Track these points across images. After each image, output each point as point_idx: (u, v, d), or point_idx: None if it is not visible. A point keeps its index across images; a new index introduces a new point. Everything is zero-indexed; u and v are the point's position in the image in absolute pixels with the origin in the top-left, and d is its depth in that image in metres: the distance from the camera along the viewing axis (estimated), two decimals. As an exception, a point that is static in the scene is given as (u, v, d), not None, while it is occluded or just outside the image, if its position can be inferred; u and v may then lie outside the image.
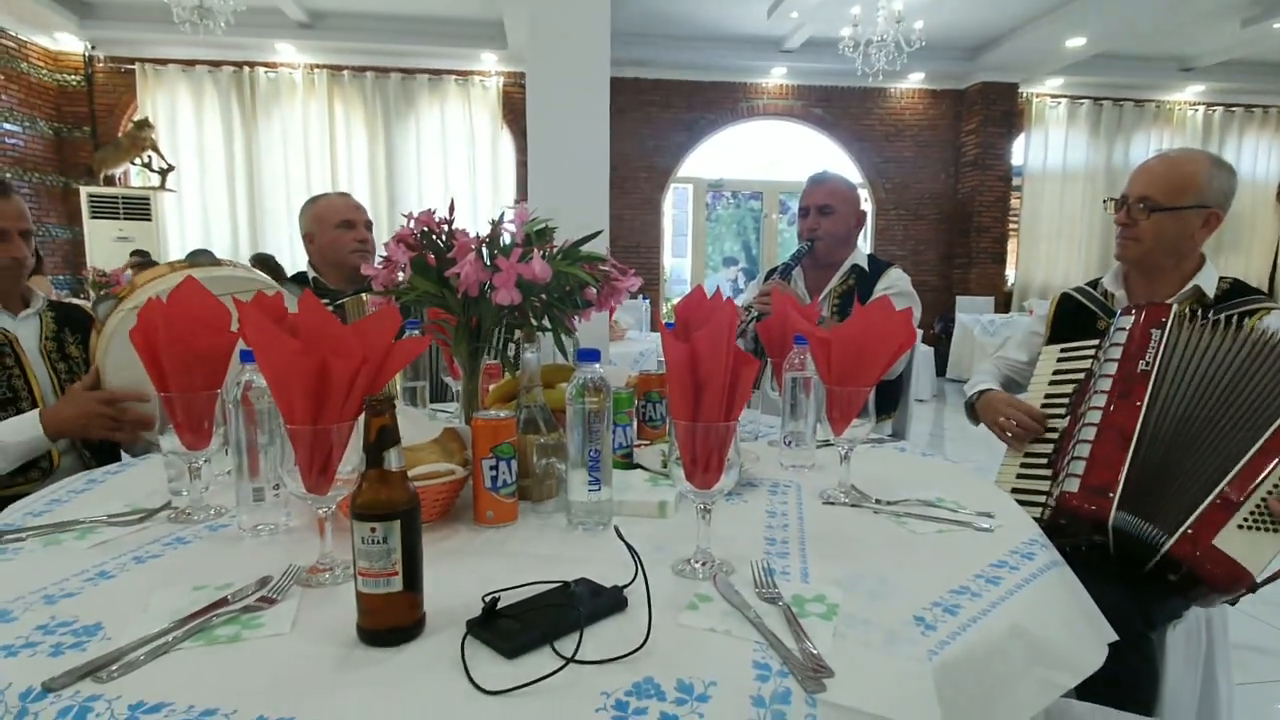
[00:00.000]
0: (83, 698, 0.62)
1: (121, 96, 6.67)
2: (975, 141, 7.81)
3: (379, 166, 6.90)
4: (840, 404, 1.11)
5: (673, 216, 8.43)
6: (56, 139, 6.57)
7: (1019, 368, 1.80)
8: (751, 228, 9.15)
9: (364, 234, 2.14)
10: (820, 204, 2.18)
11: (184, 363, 1.00)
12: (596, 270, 1.16)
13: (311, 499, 0.82)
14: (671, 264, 8.74)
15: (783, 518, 1.06)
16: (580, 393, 0.98)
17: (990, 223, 7.93)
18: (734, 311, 0.85)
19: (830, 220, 2.17)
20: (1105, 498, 1.27)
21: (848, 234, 2.20)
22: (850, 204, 2.21)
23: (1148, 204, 1.53)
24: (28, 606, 0.77)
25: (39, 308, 1.63)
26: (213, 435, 1.05)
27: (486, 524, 1.01)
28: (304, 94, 6.80)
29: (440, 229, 1.11)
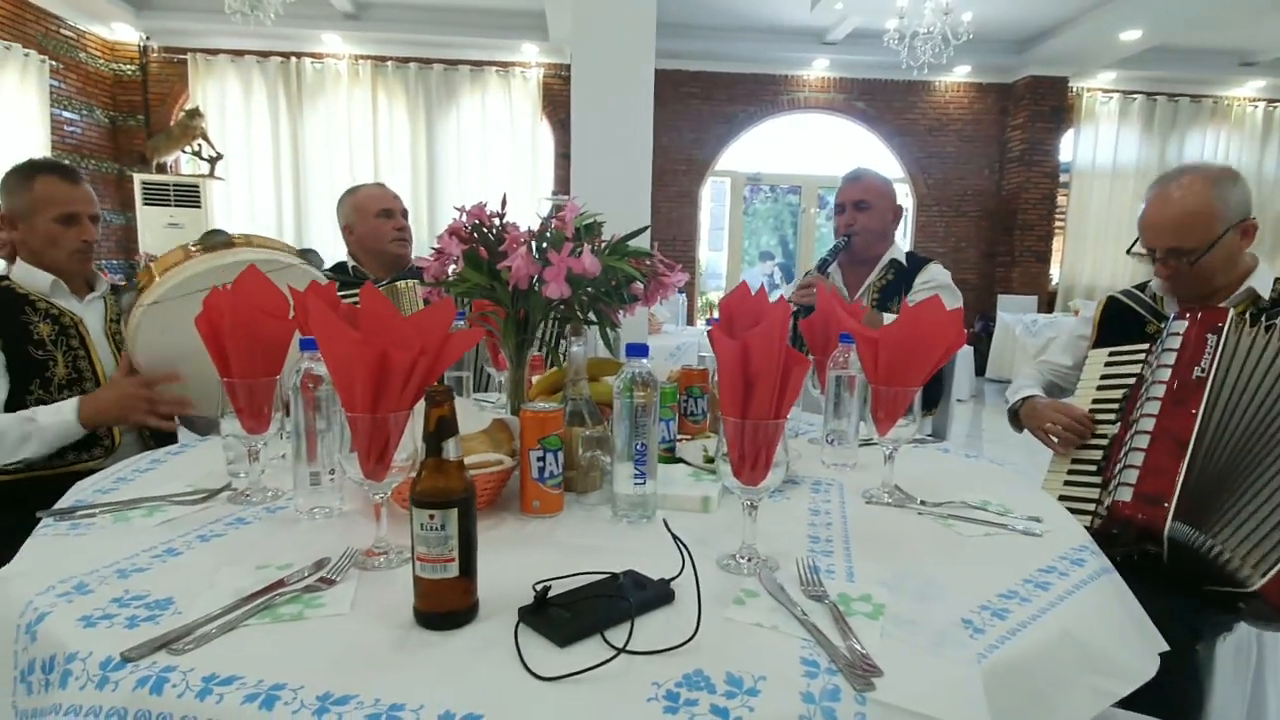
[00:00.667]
0: (159, 668, 0.65)
1: (174, 86, 6.86)
2: (1022, 137, 7.62)
3: (420, 156, 7.00)
4: (886, 404, 1.11)
5: (709, 210, 8.40)
6: (112, 127, 6.78)
7: (1063, 372, 1.77)
8: (789, 222, 9.07)
9: (401, 222, 2.17)
10: (856, 200, 2.18)
11: (247, 349, 1.03)
12: (644, 265, 1.16)
13: (368, 485, 0.85)
14: (707, 258, 8.71)
15: (825, 516, 1.07)
16: (629, 387, 1.00)
17: (1035, 220, 7.75)
18: (787, 311, 0.85)
19: (867, 215, 2.17)
20: (1160, 507, 1.25)
21: (884, 229, 2.20)
22: (886, 199, 2.21)
23: (1183, 255, 1.46)
24: (103, 580, 0.81)
25: (103, 291, 1.70)
26: (271, 419, 1.08)
27: (533, 514, 1.03)
28: (348, 84, 6.91)
29: (491, 222, 1.12)
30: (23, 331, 1.52)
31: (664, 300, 1.24)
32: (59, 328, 1.57)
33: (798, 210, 8.57)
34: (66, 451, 1.52)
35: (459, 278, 1.12)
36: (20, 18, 5.70)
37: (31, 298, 1.58)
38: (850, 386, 1.32)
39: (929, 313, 1.12)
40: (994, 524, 1.04)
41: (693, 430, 1.46)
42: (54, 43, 6.05)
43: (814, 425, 1.63)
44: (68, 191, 1.59)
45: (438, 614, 0.73)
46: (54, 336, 1.55)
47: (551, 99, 7.21)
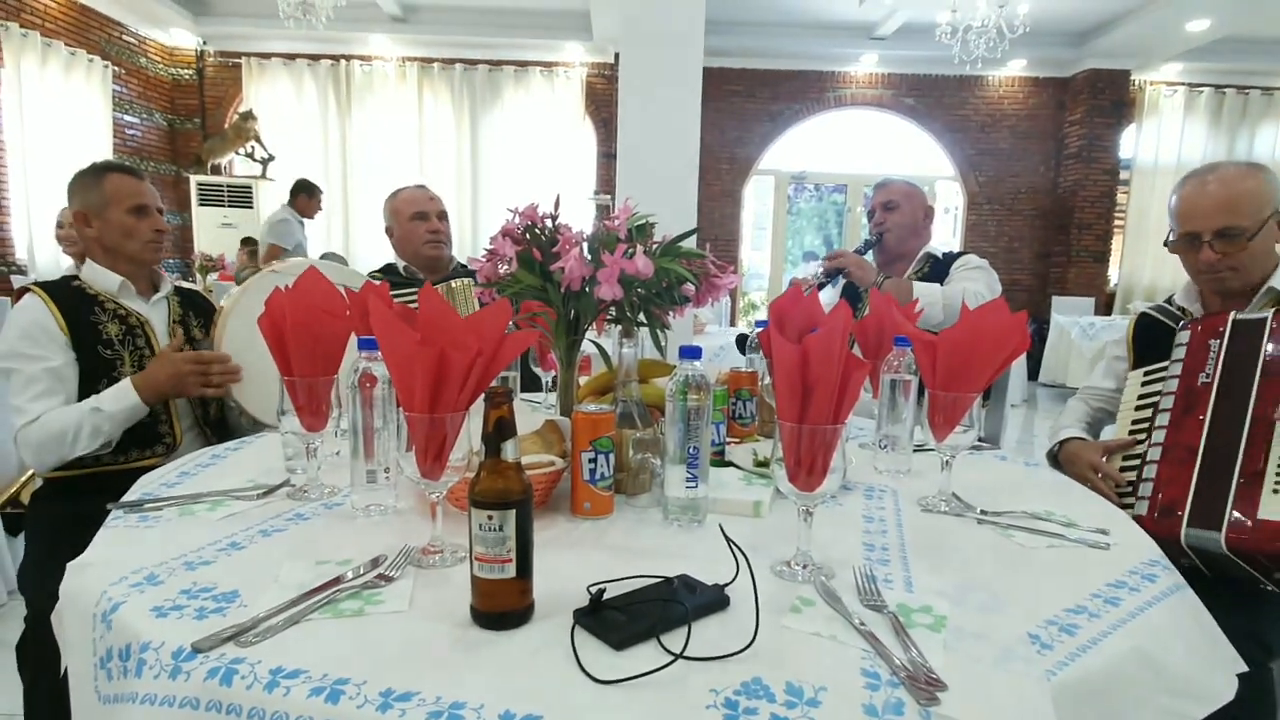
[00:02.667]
0: (228, 660, 0.67)
1: (228, 90, 7.10)
2: (1080, 132, 7.39)
3: (464, 157, 7.11)
4: (944, 409, 1.09)
5: (753, 209, 8.34)
6: (170, 130, 7.05)
7: (1107, 396, 1.73)
8: (834, 221, 8.95)
9: (436, 224, 2.20)
10: (884, 202, 2.28)
11: (307, 348, 1.07)
12: (696, 267, 1.16)
13: (425, 484, 0.87)
14: (750, 257, 8.66)
15: (881, 524, 1.05)
16: (682, 389, 1.00)
17: (1093, 219, 7.50)
18: (848, 316, 0.84)
19: (896, 213, 2.25)
20: (1174, 516, 1.24)
21: (915, 225, 2.27)
22: (914, 199, 2.28)
23: (1237, 233, 1.42)
24: (171, 572, 0.84)
25: (167, 292, 1.76)
26: (329, 418, 1.11)
27: (584, 515, 1.03)
28: (395, 86, 7.06)
29: (544, 223, 1.13)
30: (92, 331, 1.59)
31: (714, 303, 1.23)
32: (126, 327, 1.63)
33: (843, 210, 8.46)
34: (130, 448, 1.58)
35: (512, 278, 1.13)
36: (85, 24, 5.96)
37: (101, 298, 1.64)
38: (905, 391, 1.30)
39: (991, 315, 1.10)
40: (1058, 535, 1.01)
41: (741, 433, 1.46)
42: (116, 48, 6.32)
43: (865, 430, 1.61)
44: (136, 185, 1.67)
45: (495, 614, 0.74)
46: (121, 336, 1.61)
47: (595, 98, 7.25)
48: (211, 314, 1.80)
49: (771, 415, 1.56)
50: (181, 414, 1.67)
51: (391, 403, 1.04)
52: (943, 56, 6.31)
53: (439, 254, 2.21)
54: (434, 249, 2.20)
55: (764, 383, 1.50)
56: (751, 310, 8.67)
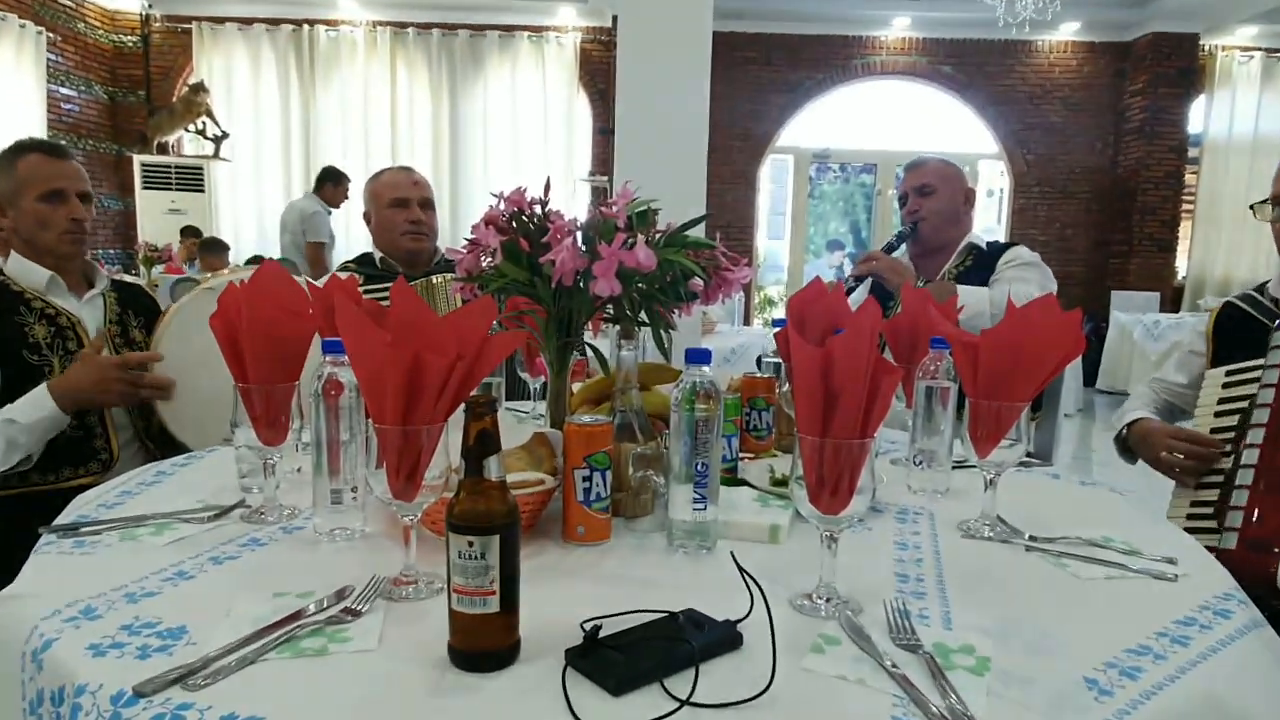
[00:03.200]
0: (174, 705, 0.67)
1: (177, 59, 7.13)
2: (1142, 105, 7.39)
3: (443, 135, 7.13)
4: (987, 421, 1.09)
5: (769, 192, 8.36)
6: (111, 104, 7.08)
7: (1179, 391, 1.72)
8: (861, 206, 8.97)
9: (417, 214, 2.20)
10: (918, 185, 2.26)
11: (265, 352, 1.07)
12: (705, 259, 1.16)
13: (396, 505, 0.87)
14: (766, 247, 8.68)
15: (915, 551, 1.05)
16: (689, 398, 1.00)
17: (1157, 203, 7.50)
18: (877, 315, 0.84)
19: (932, 199, 2.24)
20: (1269, 553, 1.23)
21: (955, 211, 2.26)
22: (952, 181, 2.27)
23: None
24: (111, 604, 0.84)
25: (103, 288, 1.76)
26: (289, 430, 1.11)
27: (577, 541, 1.03)
28: (365, 54, 7.09)
29: (532, 210, 1.14)
30: (17, 334, 1.59)
31: (726, 299, 1.23)
32: (55, 329, 1.63)
33: (872, 192, 8.48)
34: (61, 465, 1.58)
35: (497, 272, 1.13)
36: (15, -16, 5.99)
37: (27, 296, 1.64)
38: (943, 399, 1.30)
39: (1041, 313, 1.10)
40: (1118, 565, 1.01)
41: (757, 448, 1.46)
42: (50, 12, 6.34)
43: (898, 444, 1.61)
44: (51, 167, 1.65)
45: (476, 653, 0.74)
46: (50, 339, 1.61)
47: (590, 67, 7.27)
48: (155, 311, 1.80)
49: (790, 427, 1.55)
50: (119, 426, 1.68)
51: (360, 413, 1.04)
52: (985, 18, 6.31)
53: (419, 247, 2.22)
54: (413, 241, 2.20)
55: (782, 390, 1.50)
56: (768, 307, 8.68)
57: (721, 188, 7.54)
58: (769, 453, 1.46)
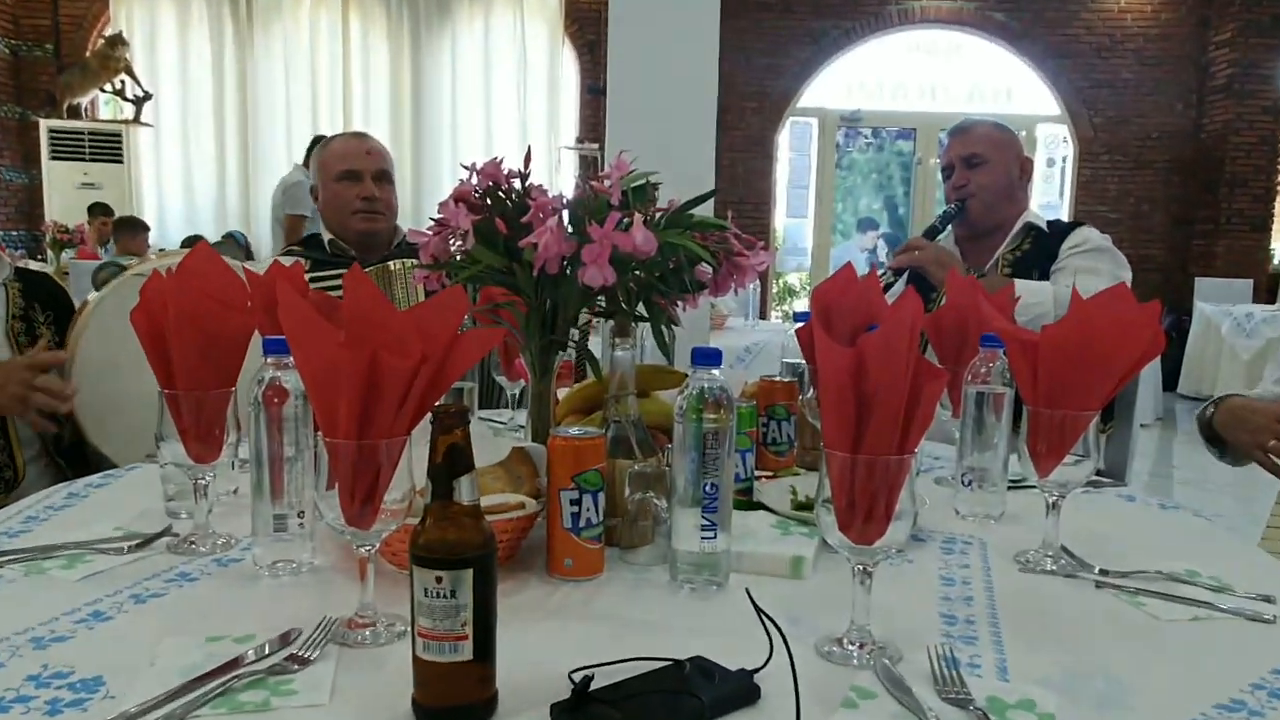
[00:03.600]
0: (87, 771, 0.67)
1: (91, 7, 7.13)
2: (1229, 58, 7.42)
3: (403, 96, 7.13)
4: (1049, 433, 1.09)
5: (789, 162, 8.38)
6: (13, 59, 7.07)
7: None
8: (898, 178, 9.00)
9: (371, 189, 2.21)
10: (966, 155, 2.27)
11: (195, 352, 1.07)
12: (714, 241, 1.17)
13: (351, 533, 0.87)
14: (786, 226, 8.71)
15: (964, 587, 1.06)
16: (695, 407, 1.00)
17: (1249, 173, 7.53)
18: (919, 307, 0.84)
19: (982, 172, 2.25)
20: None
21: (1009, 186, 2.27)
22: (1005, 149, 2.28)
23: None
24: (14, 651, 0.84)
25: (4, 277, 1.76)
26: (223, 444, 1.12)
27: (564, 575, 1.04)
28: (311, 4, 7.08)
29: (510, 185, 1.14)
30: None
31: (739, 290, 1.24)
32: None
33: (910, 161, 8.51)
34: (-47, 489, 1.58)
35: (469, 258, 1.14)
36: (-106, -83, 5.98)
37: None
38: (996, 408, 1.30)
39: (1112, 305, 1.10)
40: (1205, 604, 1.02)
41: (776, 465, 1.47)
42: (-63, -52, 6.33)
43: (943, 460, 1.62)
44: None
45: (445, 709, 0.74)
46: None
47: (577, 16, 7.29)
48: (65, 304, 1.81)
49: (815, 440, 1.56)
50: (24, 440, 1.68)
51: (307, 424, 1.04)
52: (1045, -44, 6.34)
53: (373, 228, 2.23)
54: (366, 222, 2.21)
55: (805, 397, 1.50)
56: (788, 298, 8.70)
57: (734, 157, 7.56)
58: (790, 471, 1.47)
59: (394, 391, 0.83)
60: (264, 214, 7.04)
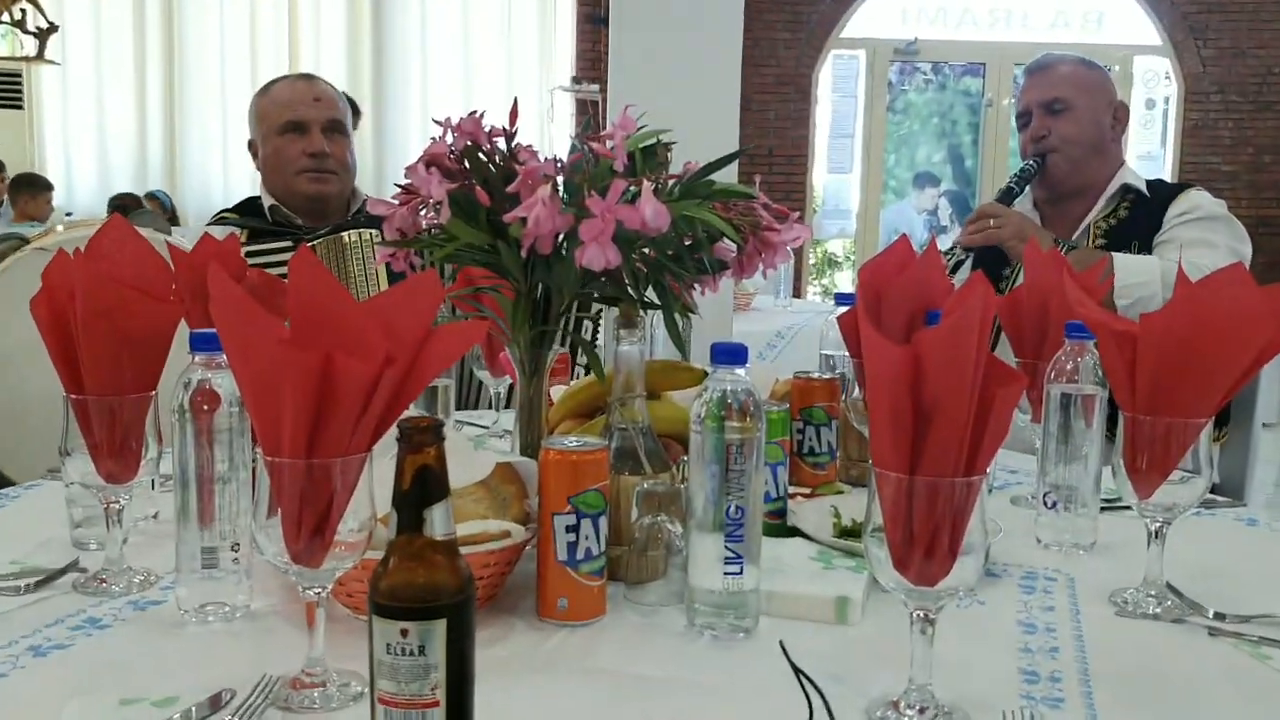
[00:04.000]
0: None
1: (-22, -85, 7.12)
2: (1371, -25, 7.36)
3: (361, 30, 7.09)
4: (1151, 446, 1.09)
5: (831, 105, 8.36)
6: (-117, -18, 7.08)
7: None
8: (964, 123, 8.97)
9: (320, 143, 2.22)
10: (1047, 100, 2.26)
11: (109, 350, 1.07)
12: (739, 213, 1.16)
13: (297, 572, 0.86)
14: (826, 184, 8.69)
15: (1048, 635, 1.06)
16: (716, 414, 1.00)
17: (1394, 118, 7.48)
18: (989, 292, 0.83)
19: (1066, 120, 2.24)
20: None
21: (1099, 138, 2.26)
22: (1095, 92, 2.28)
23: None
24: (-115, 717, 0.85)
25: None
26: (141, 460, 1.12)
27: (558, 619, 1.04)
28: (249, -90, 7.07)
29: (493, 144, 1.13)
30: None
31: (768, 271, 1.23)
32: None
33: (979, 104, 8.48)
34: None
35: (444, 234, 1.13)
36: None
37: None
38: (1086, 412, 1.30)
39: (1226, 289, 1.09)
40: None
41: (815, 480, 1.46)
42: None
43: (1021, 474, 1.61)
44: None
45: (412, 790, 0.74)
46: None
47: (573, -75, 7.26)
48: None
49: (862, 450, 1.56)
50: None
51: (244, 437, 1.04)
52: None
53: (323, 190, 2.24)
54: (314, 183, 2.22)
55: (850, 398, 1.50)
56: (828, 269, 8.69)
57: (763, 100, 7.54)
58: (832, 487, 1.47)
59: (351, 400, 0.82)
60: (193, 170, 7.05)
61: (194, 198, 6.91)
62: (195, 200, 6.84)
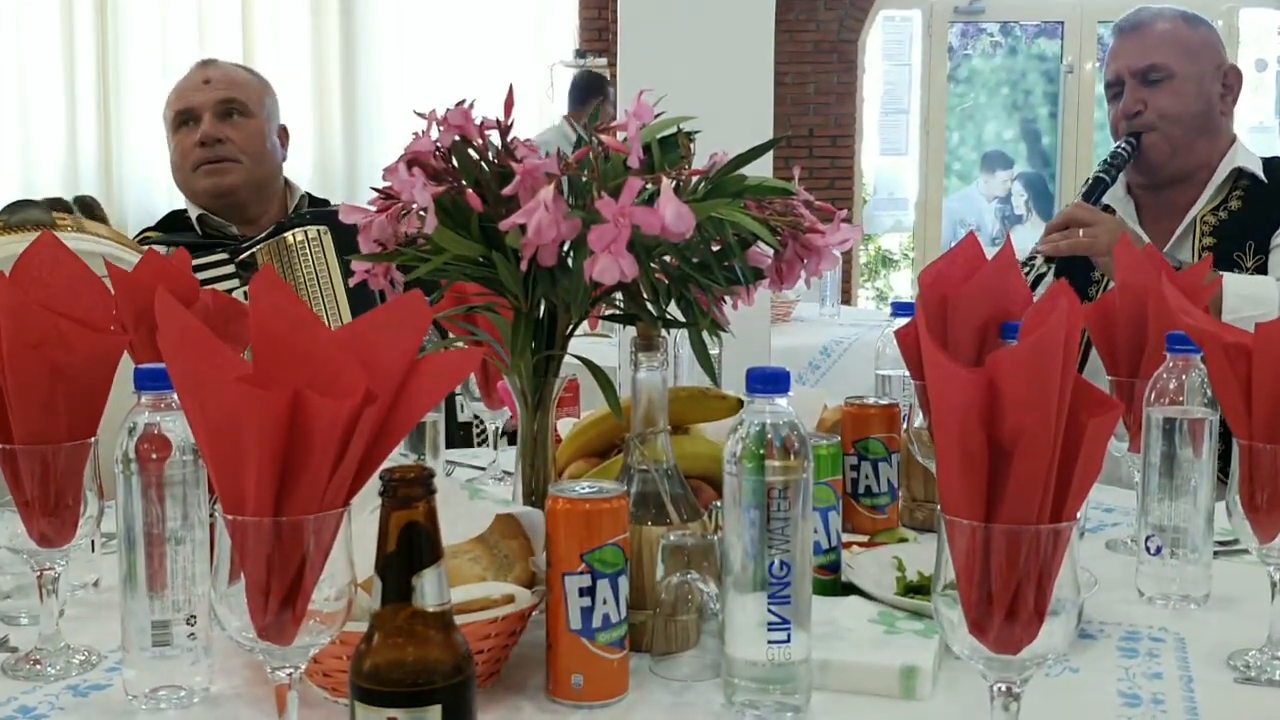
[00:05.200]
0: None
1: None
2: None
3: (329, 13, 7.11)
4: (1274, 479, 1.09)
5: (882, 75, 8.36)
6: None
7: None
8: (1041, 93, 8.96)
9: (211, 129, 2.27)
10: (1141, 66, 2.23)
11: (39, 390, 1.07)
12: (775, 214, 1.16)
13: (265, 650, 0.87)
14: (879, 168, 8.69)
15: (1155, 709, 1.05)
16: (755, 452, 1.00)
17: None
18: (1074, 305, 0.83)
19: (1166, 91, 2.21)
20: None
21: (1206, 112, 2.24)
22: (1201, 56, 2.26)
23: None
24: None
25: None
26: (79, 519, 1.12)
27: (572, 699, 1.04)
28: None
29: (485, 139, 1.14)
30: None
31: (817, 277, 1.24)
32: None
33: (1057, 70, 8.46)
34: None
35: (429, 245, 1.14)
36: None
37: None
38: (1194, 440, 1.30)
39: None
40: None
41: (873, 526, 1.46)
42: None
43: (1117, 512, 1.61)
44: None
45: None
46: None
47: (573, -128, 7.31)
48: None
49: (930, 489, 1.56)
50: None
51: (199, 488, 1.05)
52: None
53: (220, 184, 2.29)
54: (210, 175, 2.28)
55: (913, 427, 1.50)
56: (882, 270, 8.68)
57: (801, 70, 7.55)
58: (893, 534, 1.46)
59: (325, 446, 0.82)
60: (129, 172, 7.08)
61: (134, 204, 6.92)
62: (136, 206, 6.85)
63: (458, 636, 0.76)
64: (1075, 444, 0.81)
